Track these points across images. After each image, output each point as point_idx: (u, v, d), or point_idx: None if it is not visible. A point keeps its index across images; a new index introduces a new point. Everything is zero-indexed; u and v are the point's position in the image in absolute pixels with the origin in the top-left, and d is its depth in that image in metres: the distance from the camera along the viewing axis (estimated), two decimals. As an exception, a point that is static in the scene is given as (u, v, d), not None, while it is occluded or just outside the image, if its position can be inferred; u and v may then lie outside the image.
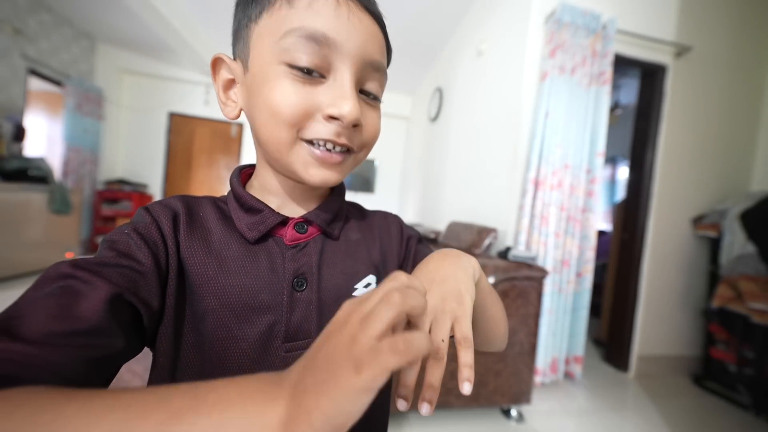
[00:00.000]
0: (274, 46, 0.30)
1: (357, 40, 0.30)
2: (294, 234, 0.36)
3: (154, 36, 3.39)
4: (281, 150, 0.32)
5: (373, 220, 0.44)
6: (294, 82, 0.30)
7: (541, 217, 1.71)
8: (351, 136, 0.33)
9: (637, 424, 1.53)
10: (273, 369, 0.29)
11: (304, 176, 0.33)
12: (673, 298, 2.09)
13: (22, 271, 2.65)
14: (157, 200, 0.34)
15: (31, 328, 0.21)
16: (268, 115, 0.31)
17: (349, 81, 0.31)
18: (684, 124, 2.03)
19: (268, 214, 0.35)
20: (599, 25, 1.74)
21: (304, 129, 0.31)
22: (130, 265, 0.27)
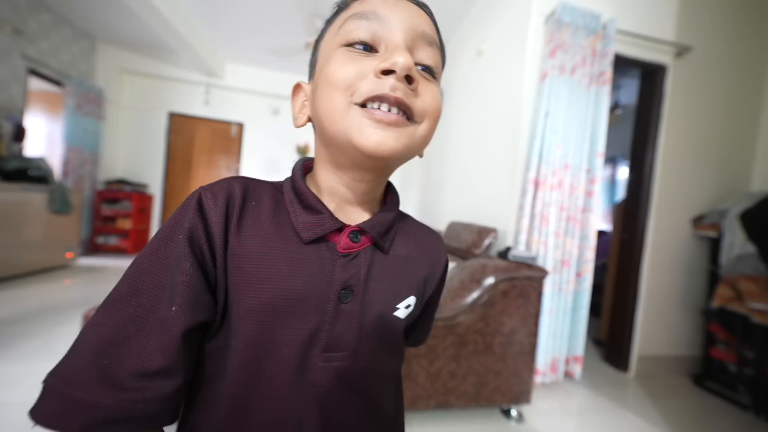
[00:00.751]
0: (334, 39, 0.33)
1: (404, 14, 0.32)
2: (348, 242, 0.34)
3: (154, 36, 3.39)
4: (335, 117, 0.31)
5: (426, 241, 0.43)
6: (348, 55, 0.31)
7: (541, 217, 1.71)
8: (407, 93, 0.30)
9: (637, 424, 1.53)
10: (310, 378, 0.31)
11: (359, 139, 0.30)
12: (673, 298, 2.09)
13: (22, 271, 2.65)
14: (216, 182, 0.32)
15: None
16: (325, 87, 0.32)
17: (399, 39, 0.31)
18: (684, 124, 2.03)
19: (328, 218, 0.33)
20: (599, 25, 1.74)
21: (356, 91, 0.30)
22: (188, 282, 0.28)
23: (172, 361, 0.26)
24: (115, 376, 0.24)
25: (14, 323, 1.88)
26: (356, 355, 0.33)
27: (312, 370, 0.31)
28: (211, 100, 4.35)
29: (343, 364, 0.32)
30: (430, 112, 0.33)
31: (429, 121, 0.33)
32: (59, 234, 2.97)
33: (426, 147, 0.36)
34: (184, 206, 0.30)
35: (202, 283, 0.29)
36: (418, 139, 0.33)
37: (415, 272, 0.39)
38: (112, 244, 3.85)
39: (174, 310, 0.26)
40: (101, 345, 0.25)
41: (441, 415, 1.42)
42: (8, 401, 1.25)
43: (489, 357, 1.34)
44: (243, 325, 0.30)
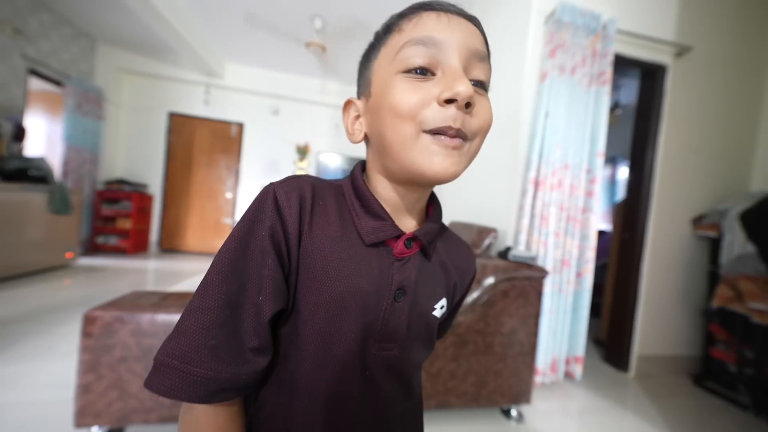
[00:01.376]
0: (391, 65, 0.34)
1: (458, 35, 0.33)
2: (403, 248, 0.38)
3: (154, 36, 3.39)
4: (405, 144, 0.33)
5: (459, 250, 0.48)
6: (410, 81, 0.33)
7: (541, 217, 1.71)
8: (465, 120, 0.33)
9: (637, 424, 1.53)
10: (369, 364, 0.35)
11: (427, 166, 0.33)
12: (673, 298, 2.09)
13: (22, 271, 2.65)
14: (286, 181, 0.35)
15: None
16: (391, 115, 0.33)
17: (457, 65, 0.33)
18: (684, 124, 2.03)
19: (390, 226, 0.37)
20: (599, 25, 1.74)
21: (423, 120, 0.32)
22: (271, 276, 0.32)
23: (264, 341, 0.31)
24: (224, 354, 0.29)
25: (14, 323, 1.88)
26: (403, 347, 0.37)
27: (368, 357, 0.35)
28: (211, 100, 4.35)
29: (392, 354, 0.37)
30: (483, 128, 0.36)
31: (480, 137, 0.36)
32: (59, 234, 2.97)
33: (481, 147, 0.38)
34: (261, 203, 0.33)
35: (281, 276, 0.32)
36: (471, 155, 0.36)
37: (449, 278, 0.44)
38: (112, 244, 3.85)
39: (261, 299, 0.31)
40: (206, 327, 0.29)
41: (441, 415, 1.42)
42: (8, 401, 1.25)
43: (489, 357, 1.34)
44: (314, 315, 0.33)
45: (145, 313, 1.00)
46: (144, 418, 1.02)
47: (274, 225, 0.32)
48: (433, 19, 0.33)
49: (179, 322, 0.30)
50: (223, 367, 0.29)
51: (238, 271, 0.31)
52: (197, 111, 4.36)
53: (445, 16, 0.33)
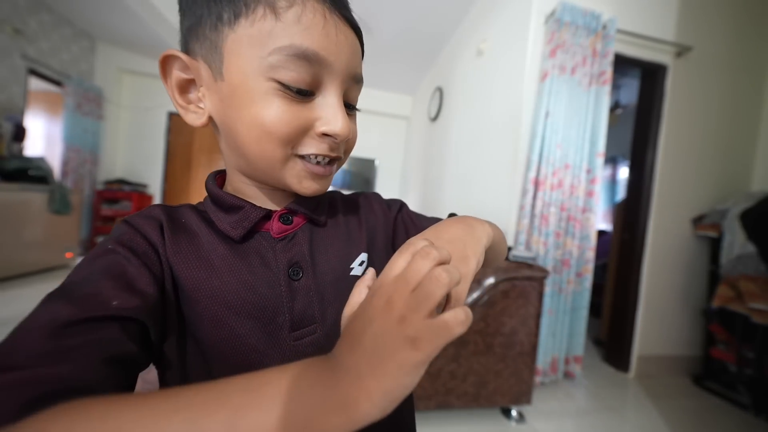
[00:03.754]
0: (260, 60, 0.29)
1: (344, 57, 0.31)
2: (280, 226, 0.36)
3: (154, 36, 3.38)
4: (274, 166, 0.32)
5: (356, 202, 0.46)
6: (285, 101, 0.30)
7: (541, 217, 1.71)
8: (339, 147, 0.34)
9: (637, 424, 1.53)
10: (284, 359, 0.32)
11: (298, 189, 0.34)
12: (673, 298, 2.09)
13: (22, 271, 2.65)
14: (137, 213, 0.33)
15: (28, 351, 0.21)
16: (260, 133, 0.30)
17: (337, 98, 0.32)
18: (684, 124, 2.03)
19: (250, 210, 0.34)
20: (599, 25, 1.74)
21: (297, 146, 0.32)
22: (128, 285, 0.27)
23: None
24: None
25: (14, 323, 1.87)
26: (325, 323, 0.34)
27: (285, 351, 0.32)
28: (211, 100, 4.35)
29: (315, 336, 0.34)
30: (350, 148, 0.37)
31: (348, 153, 0.38)
32: (59, 234, 2.96)
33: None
34: (115, 230, 0.31)
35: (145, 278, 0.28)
36: (339, 168, 0.38)
37: (357, 231, 0.42)
38: (112, 244, 3.85)
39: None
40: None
41: (441, 416, 1.42)
42: (8, 401, 1.24)
43: (489, 357, 1.33)
44: (200, 328, 0.30)
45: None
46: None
47: (134, 240, 0.29)
48: (320, 25, 0.29)
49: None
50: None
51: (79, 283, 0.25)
52: (197, 111, 4.35)
53: (332, 22, 0.30)
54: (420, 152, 3.88)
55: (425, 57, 3.47)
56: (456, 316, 0.17)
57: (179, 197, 4.43)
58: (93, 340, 0.22)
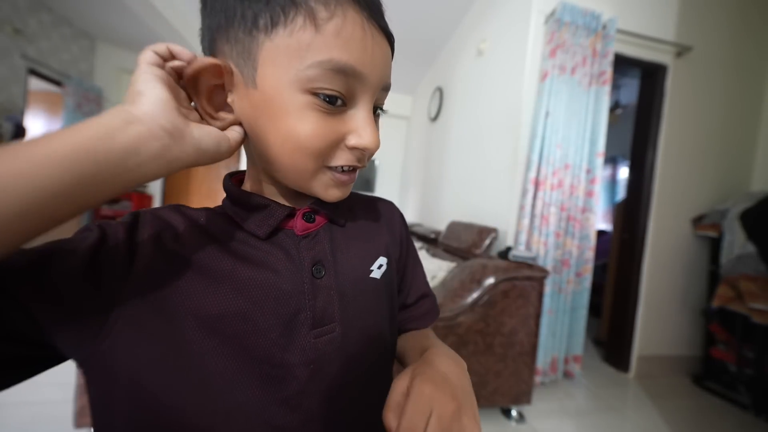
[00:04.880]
0: (297, 72, 0.28)
1: (379, 70, 0.31)
2: (303, 224, 0.36)
3: (154, 36, 3.38)
4: (305, 177, 0.32)
5: (377, 207, 0.46)
6: (320, 114, 0.29)
7: (541, 217, 1.71)
8: (366, 157, 0.35)
9: (637, 424, 1.53)
10: (304, 355, 0.32)
11: (323, 196, 0.34)
12: (673, 298, 2.09)
13: (22, 271, 2.65)
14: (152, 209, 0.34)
15: None
16: (294, 146, 0.30)
17: (369, 110, 0.32)
18: (684, 124, 2.03)
19: (276, 208, 0.35)
20: (599, 25, 1.74)
21: (330, 157, 0.32)
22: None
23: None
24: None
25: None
26: (344, 322, 0.35)
27: (305, 347, 0.32)
28: (211, 100, 4.36)
29: (334, 335, 0.34)
30: (373, 155, 0.37)
31: (369, 159, 0.36)
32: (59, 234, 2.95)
33: None
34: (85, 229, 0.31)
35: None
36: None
37: (377, 234, 0.42)
38: (112, 244, 3.85)
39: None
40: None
41: (441, 415, 1.41)
42: (8, 401, 1.25)
43: (489, 357, 1.34)
44: (219, 324, 0.29)
45: None
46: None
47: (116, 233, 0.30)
48: (359, 39, 0.28)
49: None
50: None
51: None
52: (197, 111, 4.36)
53: (370, 35, 0.29)
54: (420, 152, 3.88)
55: (425, 57, 3.47)
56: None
57: (179, 197, 4.43)
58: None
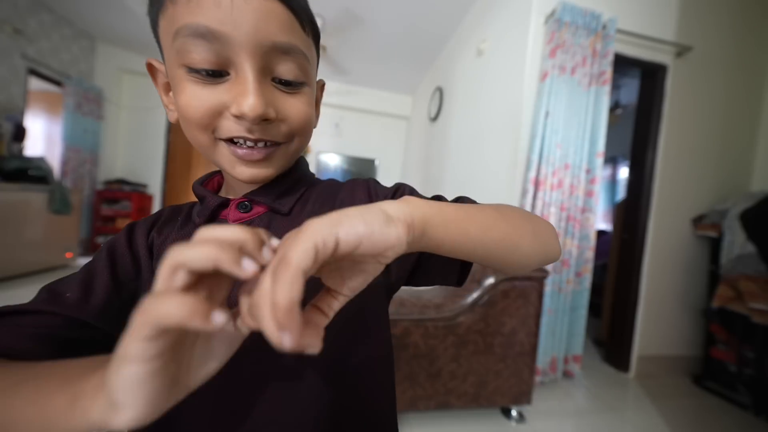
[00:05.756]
0: (171, 48, 0.29)
1: (247, 25, 0.27)
2: (237, 214, 0.36)
3: (154, 36, 3.39)
4: (206, 152, 0.33)
5: (338, 189, 0.40)
6: (195, 85, 0.29)
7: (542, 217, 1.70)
8: (266, 129, 0.31)
9: (637, 424, 1.53)
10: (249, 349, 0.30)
11: (234, 174, 0.33)
12: (673, 298, 2.09)
13: (22, 271, 2.65)
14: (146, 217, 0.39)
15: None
16: (183, 120, 0.31)
17: (249, 73, 0.28)
18: (684, 124, 2.03)
19: (210, 198, 0.36)
20: (599, 25, 1.74)
21: (217, 129, 0.31)
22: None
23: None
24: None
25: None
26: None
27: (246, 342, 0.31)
28: (211, 100, 4.35)
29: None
30: (298, 130, 0.33)
31: (300, 136, 0.34)
32: (59, 234, 2.96)
33: (307, 146, 0.37)
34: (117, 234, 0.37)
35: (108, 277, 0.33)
36: (293, 153, 0.35)
37: None
38: (112, 244, 3.85)
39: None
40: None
41: (441, 416, 1.41)
42: (8, 401, 1.24)
43: (489, 357, 1.33)
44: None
45: None
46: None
47: (116, 242, 0.35)
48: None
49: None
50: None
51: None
52: (197, 111, 4.35)
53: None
54: (420, 152, 3.87)
55: (425, 57, 3.47)
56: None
57: (179, 197, 4.43)
58: (25, 323, 0.28)
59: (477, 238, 0.26)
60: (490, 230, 0.27)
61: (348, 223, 0.19)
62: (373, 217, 0.20)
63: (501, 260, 0.29)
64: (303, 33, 0.31)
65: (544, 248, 0.32)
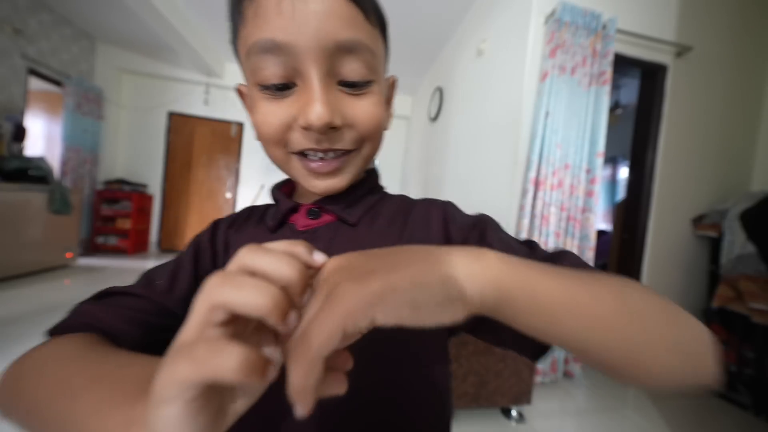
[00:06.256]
0: (247, 70, 0.30)
1: (309, 29, 0.26)
2: (306, 220, 0.36)
3: (154, 36, 3.38)
4: (282, 167, 0.34)
5: (409, 209, 0.38)
6: (267, 101, 0.29)
7: (541, 217, 1.71)
8: (335, 138, 0.30)
9: (637, 424, 1.52)
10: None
11: (308, 187, 0.33)
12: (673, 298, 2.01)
13: (22, 271, 2.65)
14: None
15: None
16: (260, 138, 0.32)
17: (314, 80, 0.28)
18: (684, 124, 2.03)
19: (282, 203, 0.37)
20: (599, 25, 1.74)
21: (288, 143, 0.31)
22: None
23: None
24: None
25: (14, 323, 1.88)
26: None
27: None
28: (211, 99, 4.35)
29: None
30: (367, 134, 0.32)
31: (371, 141, 0.33)
32: (59, 234, 2.97)
33: (382, 141, 0.35)
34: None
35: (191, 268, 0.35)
36: (366, 159, 0.34)
37: (391, 243, 0.31)
38: (112, 244, 3.85)
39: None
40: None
41: (441, 415, 1.41)
42: (8, 401, 1.25)
43: (489, 357, 1.33)
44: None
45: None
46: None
47: (201, 237, 0.38)
48: (273, 6, 0.26)
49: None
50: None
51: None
52: (197, 111, 4.35)
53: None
54: (420, 152, 3.87)
55: (425, 57, 3.47)
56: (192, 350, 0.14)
57: (179, 197, 4.43)
58: (124, 305, 0.30)
59: (578, 335, 0.19)
60: (602, 329, 0.19)
61: (391, 303, 0.16)
62: (428, 295, 0.16)
63: (613, 370, 0.20)
64: (367, 24, 0.29)
65: (688, 365, 0.21)
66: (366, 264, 0.18)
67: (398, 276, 0.16)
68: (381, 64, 0.32)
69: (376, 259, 0.18)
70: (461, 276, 0.17)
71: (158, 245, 4.39)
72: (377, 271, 0.17)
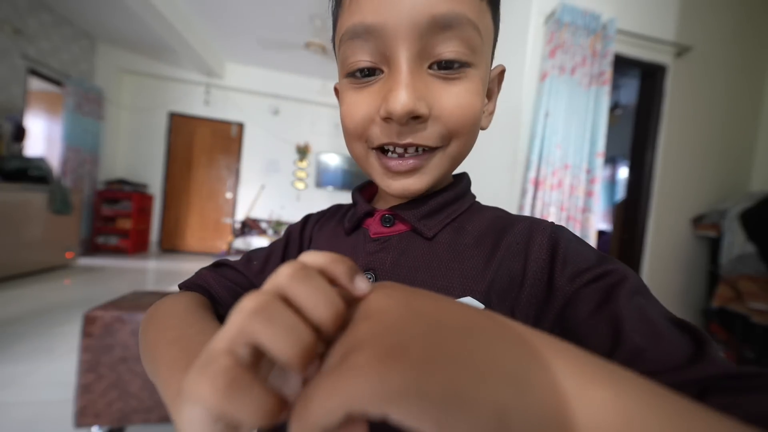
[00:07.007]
0: (339, 62, 0.29)
1: (403, 5, 0.24)
2: (379, 227, 0.32)
3: (154, 36, 3.39)
4: (360, 163, 0.31)
5: (509, 227, 0.30)
6: (353, 92, 0.28)
7: (541, 217, 1.71)
8: (417, 131, 0.26)
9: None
10: None
11: (384, 187, 0.30)
12: (673, 298, 2.09)
13: (22, 271, 2.65)
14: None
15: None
16: (343, 131, 0.30)
17: (401, 64, 0.25)
18: (684, 124, 2.03)
19: (360, 206, 0.35)
20: (599, 25, 1.74)
21: (369, 137, 0.28)
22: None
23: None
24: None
25: (14, 323, 1.88)
26: None
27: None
28: (211, 100, 4.35)
29: None
30: (455, 127, 0.27)
31: (459, 138, 0.28)
32: (59, 234, 2.97)
33: (474, 141, 0.31)
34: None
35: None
36: (452, 160, 0.29)
37: (477, 267, 0.28)
38: (112, 244, 3.85)
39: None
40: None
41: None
42: (8, 401, 1.25)
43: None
44: None
45: (145, 313, 1.00)
46: (144, 418, 1.02)
47: (292, 228, 0.41)
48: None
49: None
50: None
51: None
52: (197, 111, 4.36)
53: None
54: (420, 152, 3.87)
55: (425, 57, 3.47)
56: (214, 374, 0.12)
57: (180, 197, 4.43)
58: (228, 276, 0.37)
59: None
60: None
61: (414, 409, 0.10)
62: (471, 425, 0.10)
63: None
64: (470, 15, 0.25)
65: None
66: (406, 325, 0.13)
67: (437, 375, 0.10)
68: (486, 46, 0.28)
69: (421, 321, 0.13)
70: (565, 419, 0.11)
71: (159, 245, 4.40)
72: (412, 348, 0.11)
